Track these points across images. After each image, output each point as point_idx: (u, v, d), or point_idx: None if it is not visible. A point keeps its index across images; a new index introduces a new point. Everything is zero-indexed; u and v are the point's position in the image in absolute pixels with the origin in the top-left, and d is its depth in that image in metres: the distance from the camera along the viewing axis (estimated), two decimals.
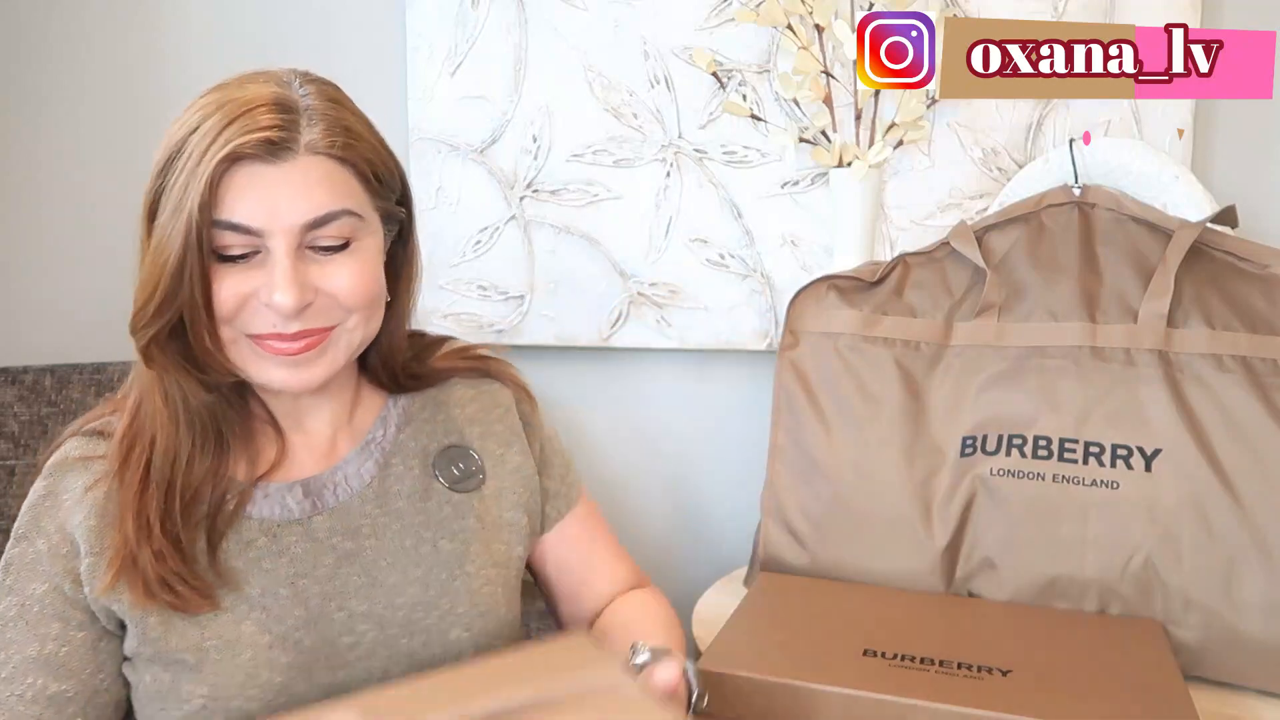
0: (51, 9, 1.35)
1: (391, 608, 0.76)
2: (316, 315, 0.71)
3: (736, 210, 1.26)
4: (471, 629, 0.78)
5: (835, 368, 1.04)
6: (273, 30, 1.32)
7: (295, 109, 0.69)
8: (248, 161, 0.67)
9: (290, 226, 0.69)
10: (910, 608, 0.92)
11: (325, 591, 0.75)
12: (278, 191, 0.68)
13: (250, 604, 0.73)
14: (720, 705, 0.79)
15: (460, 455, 0.84)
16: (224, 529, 0.74)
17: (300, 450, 0.80)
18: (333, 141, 0.70)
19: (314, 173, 0.69)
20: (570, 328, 1.31)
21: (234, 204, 0.67)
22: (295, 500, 0.77)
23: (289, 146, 0.68)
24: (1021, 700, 0.74)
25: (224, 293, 0.69)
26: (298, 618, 0.73)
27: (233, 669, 0.71)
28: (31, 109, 1.37)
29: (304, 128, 0.69)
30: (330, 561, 0.76)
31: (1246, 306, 0.94)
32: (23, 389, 1.25)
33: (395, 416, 0.83)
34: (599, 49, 1.25)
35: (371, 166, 0.73)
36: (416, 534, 0.79)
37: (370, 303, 0.74)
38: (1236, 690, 0.89)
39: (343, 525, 0.77)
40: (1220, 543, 0.88)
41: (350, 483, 0.79)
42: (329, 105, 0.71)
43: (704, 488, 1.36)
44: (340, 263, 0.72)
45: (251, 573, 0.74)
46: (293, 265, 0.69)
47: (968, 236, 1.05)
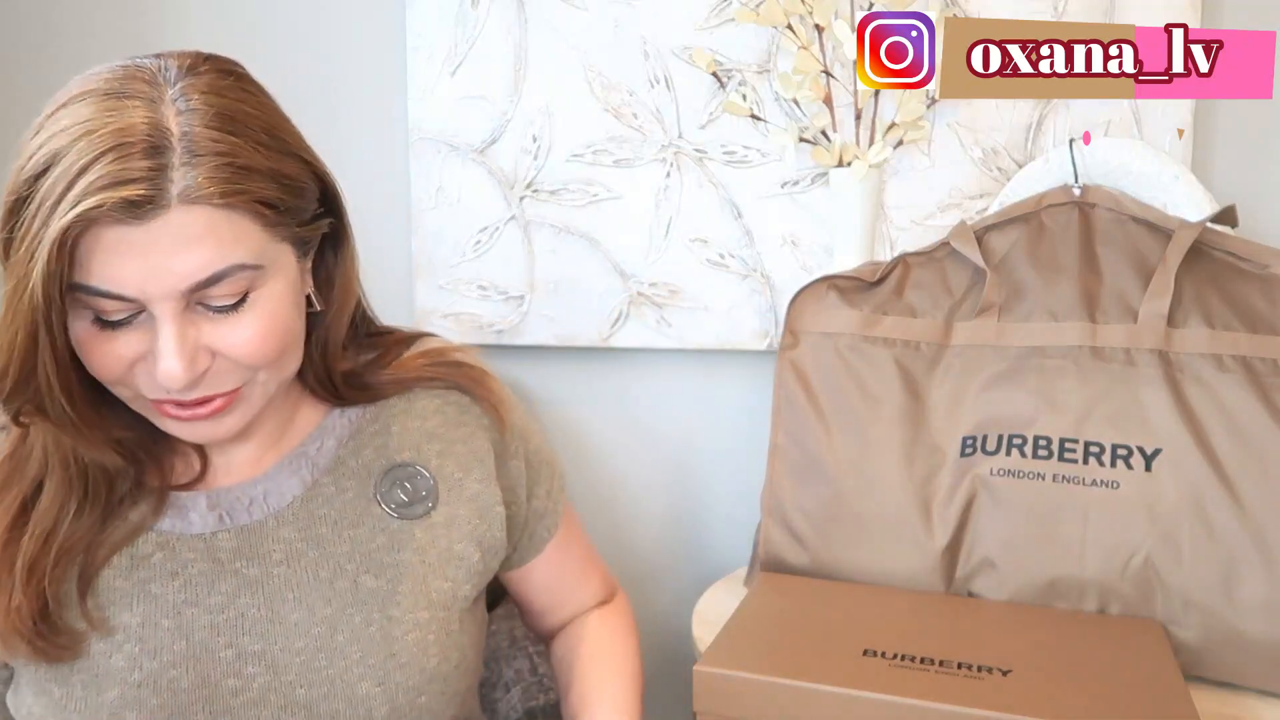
0: (52, 9, 1.35)
1: (289, 651, 0.67)
2: (216, 379, 0.63)
3: (736, 210, 1.26)
4: (385, 683, 0.68)
5: (835, 368, 1.04)
6: (272, 30, 1.32)
7: (166, 145, 0.57)
8: (108, 224, 0.56)
9: (169, 292, 0.58)
10: (910, 608, 0.92)
11: (215, 623, 0.67)
12: (148, 256, 0.57)
13: (127, 633, 0.66)
14: (720, 705, 0.79)
15: (409, 475, 0.73)
16: (105, 559, 0.67)
17: (219, 469, 0.72)
18: (214, 189, 0.57)
19: (192, 227, 0.57)
20: (570, 328, 1.31)
21: (99, 269, 0.57)
22: (199, 513, 0.69)
23: (158, 203, 0.56)
24: (1021, 700, 0.74)
25: (108, 359, 0.60)
26: (176, 652, 0.66)
27: (97, 707, 0.64)
28: (32, 109, 1.36)
29: (177, 170, 0.56)
30: (228, 588, 0.68)
31: (1246, 306, 0.94)
32: None
33: (338, 429, 0.74)
34: (599, 49, 1.25)
35: (268, 202, 0.60)
36: (336, 565, 0.70)
37: (280, 355, 0.65)
38: (1236, 690, 0.89)
39: (250, 547, 0.69)
40: (1220, 543, 0.88)
41: (269, 500, 0.70)
42: (215, 130, 0.58)
43: (704, 487, 1.36)
44: (237, 320, 0.61)
45: (136, 597, 0.66)
46: (178, 331, 0.59)
47: (968, 236, 1.05)
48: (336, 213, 0.70)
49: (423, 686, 0.70)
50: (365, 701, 0.68)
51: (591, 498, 1.37)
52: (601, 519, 1.38)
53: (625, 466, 1.37)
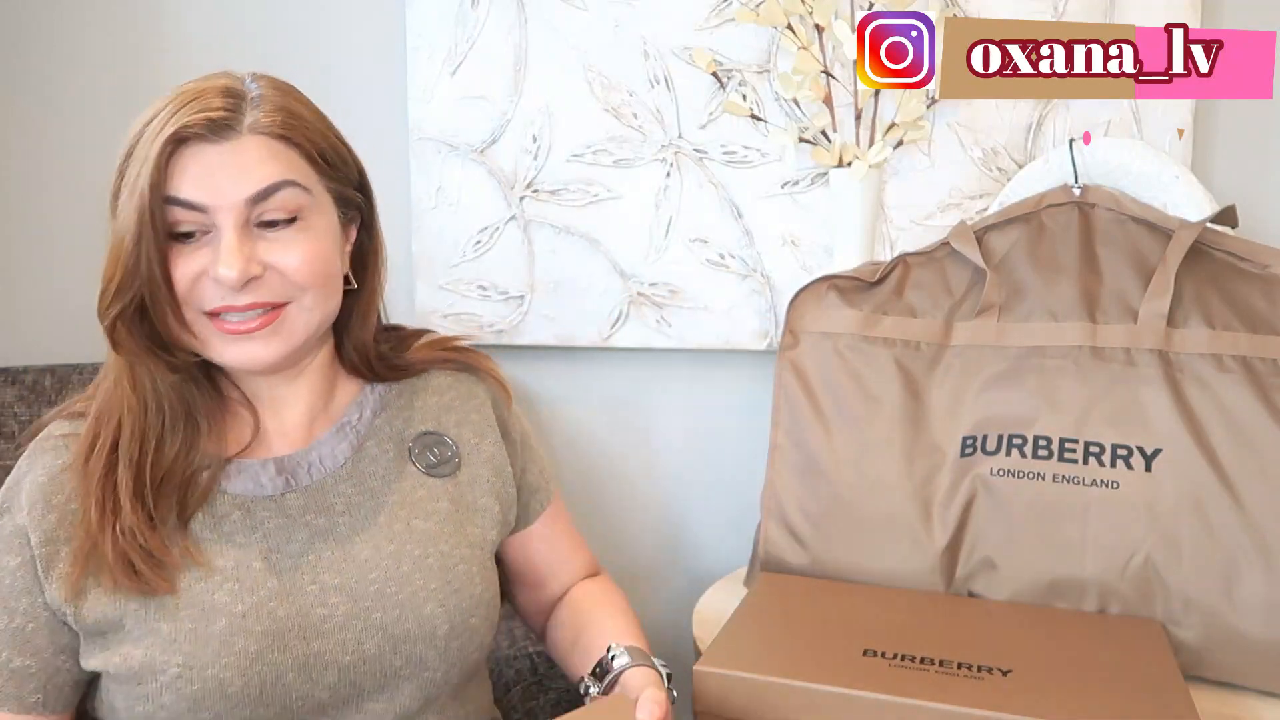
0: (53, 9, 1.35)
1: (364, 581, 0.77)
2: (266, 290, 0.74)
3: (736, 210, 1.26)
4: (446, 605, 0.79)
5: (835, 368, 1.04)
6: (273, 30, 1.32)
7: (241, 95, 0.73)
8: (193, 142, 0.71)
9: (234, 202, 0.71)
10: (910, 608, 0.92)
11: (298, 564, 0.76)
12: (221, 169, 0.71)
13: (224, 575, 0.74)
14: (720, 705, 0.79)
15: (435, 441, 0.86)
16: (196, 506, 0.76)
17: (274, 434, 0.82)
18: (273, 120, 0.73)
19: (256, 151, 0.72)
20: (570, 328, 1.31)
21: (180, 182, 0.71)
22: (269, 477, 0.79)
23: (231, 125, 0.71)
24: (1021, 700, 0.74)
25: (178, 271, 0.72)
26: (270, 589, 0.75)
27: (207, 637, 0.72)
28: (32, 109, 1.36)
29: (248, 110, 0.72)
30: (303, 537, 0.78)
31: (1246, 306, 0.94)
32: (23, 389, 1.25)
33: (372, 402, 0.86)
34: (599, 49, 1.25)
35: (317, 147, 0.76)
36: (390, 512, 0.81)
37: (323, 281, 0.76)
38: (1236, 690, 0.89)
39: (316, 503, 0.79)
40: (1220, 543, 0.88)
41: (324, 463, 0.81)
42: (276, 94, 0.75)
43: (704, 487, 1.36)
44: (288, 239, 0.74)
45: (225, 546, 0.76)
46: (238, 239, 0.72)
47: (968, 236, 1.05)
48: (369, 199, 0.83)
49: (473, 609, 0.81)
50: (430, 620, 0.78)
51: (591, 497, 1.37)
52: (601, 518, 1.38)
53: (625, 466, 1.37)
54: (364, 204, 0.82)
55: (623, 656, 0.81)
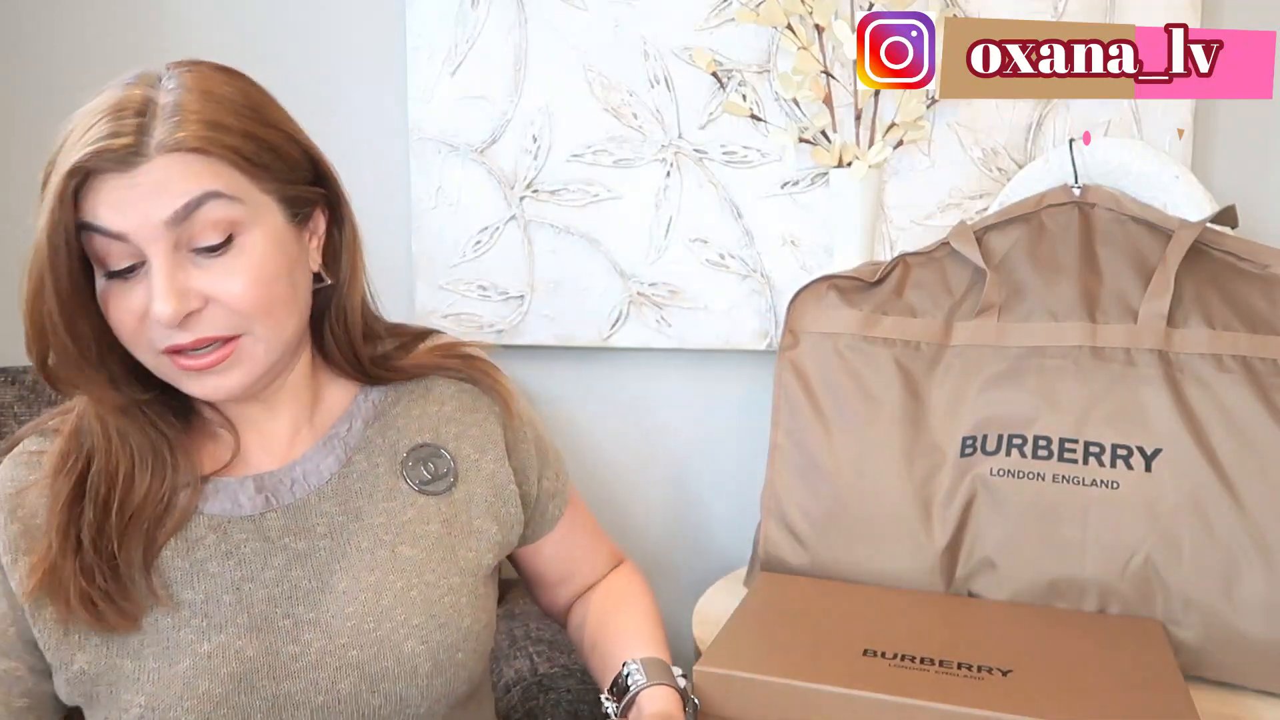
0: (53, 9, 1.35)
1: (340, 616, 0.72)
2: (210, 323, 0.67)
3: (736, 210, 1.26)
4: (428, 641, 0.73)
5: (835, 368, 1.04)
6: (273, 30, 1.32)
7: (151, 111, 0.66)
8: (99, 175, 0.65)
9: (153, 227, 0.65)
10: (910, 608, 0.92)
11: (271, 596, 0.72)
12: (132, 195, 0.64)
13: (191, 609, 0.70)
14: (720, 705, 0.79)
15: (431, 455, 0.80)
16: (165, 540, 0.71)
17: (255, 449, 0.77)
18: (185, 134, 0.65)
19: (169, 170, 0.65)
20: (570, 328, 1.31)
21: (95, 209, 0.65)
22: (247, 496, 0.74)
23: (138, 152, 0.64)
24: (1021, 700, 0.74)
25: (122, 314, 0.67)
26: (240, 625, 0.70)
27: (170, 678, 0.68)
28: (32, 110, 1.36)
29: (156, 128, 0.65)
30: (280, 563, 0.73)
31: (1246, 306, 0.94)
32: (23, 389, 1.25)
33: (365, 411, 0.80)
34: (599, 49, 1.25)
35: (242, 152, 0.68)
36: (375, 536, 0.75)
37: (270, 307, 0.69)
38: (1236, 690, 0.89)
39: (296, 524, 0.74)
40: (1220, 543, 0.88)
41: (309, 479, 0.76)
42: (193, 98, 0.67)
43: (704, 487, 1.36)
44: (225, 265, 0.67)
45: (195, 576, 0.71)
46: (168, 272, 0.65)
47: (968, 236, 1.05)
48: (330, 188, 0.75)
49: (459, 644, 0.75)
50: (411, 659, 0.73)
51: (591, 497, 1.37)
52: (601, 518, 1.37)
53: (625, 466, 1.37)
54: (326, 195, 0.75)
55: (639, 675, 0.77)
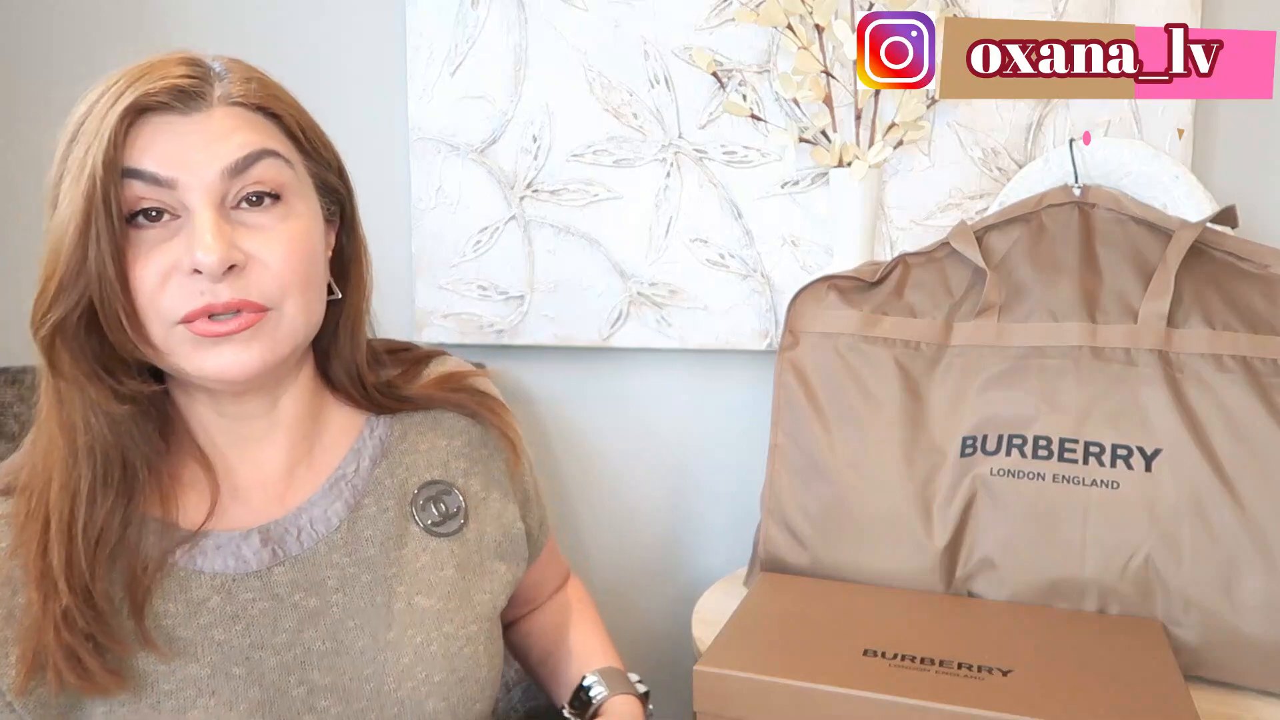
0: (53, 10, 1.35)
1: (359, 679, 0.68)
2: (249, 286, 0.62)
3: (736, 210, 1.26)
4: (449, 699, 0.70)
5: (835, 368, 1.04)
6: (272, 30, 1.32)
7: (205, 65, 0.64)
8: (157, 112, 0.60)
9: (206, 177, 0.61)
10: (910, 608, 0.92)
11: (284, 663, 0.66)
12: (190, 140, 0.61)
13: (199, 688, 0.64)
14: (720, 705, 0.79)
15: (443, 493, 0.75)
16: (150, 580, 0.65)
17: (253, 490, 0.70)
18: (247, 89, 0.63)
19: (231, 120, 0.62)
20: (570, 328, 1.31)
21: (141, 155, 0.60)
22: (252, 550, 0.68)
23: (201, 95, 0.61)
24: (1021, 700, 0.74)
25: (146, 269, 0.61)
26: (252, 700, 0.65)
27: None
28: (32, 110, 1.37)
29: (215, 82, 0.63)
30: (291, 624, 0.67)
31: (1246, 306, 0.94)
32: (23, 389, 1.25)
33: (371, 448, 0.74)
34: (599, 49, 1.25)
35: (297, 121, 0.66)
36: (389, 588, 0.70)
37: (306, 284, 0.65)
38: (1236, 690, 0.89)
39: (306, 578, 0.68)
40: (1220, 543, 0.88)
41: (316, 527, 0.70)
42: (244, 67, 0.66)
43: (704, 487, 1.36)
44: (270, 226, 0.63)
45: (202, 647, 0.65)
46: (215, 217, 0.61)
47: (968, 236, 1.05)
48: (349, 192, 0.73)
49: (478, 695, 0.72)
50: (433, 717, 0.69)
51: (591, 497, 1.37)
52: (601, 519, 1.38)
53: (625, 466, 1.37)
54: (345, 199, 0.72)
55: (599, 687, 0.77)
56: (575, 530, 1.38)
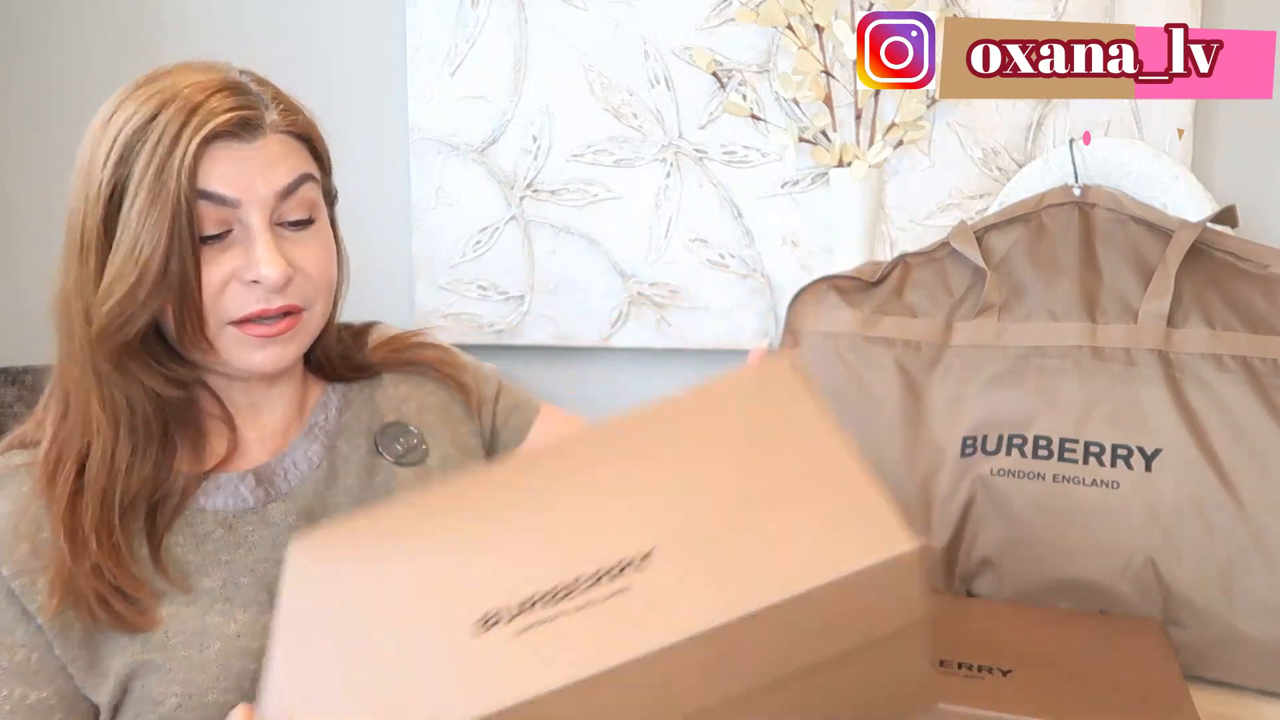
0: (52, 11, 1.35)
1: None
2: (294, 292, 0.73)
3: (736, 210, 1.26)
4: None
5: (835, 368, 1.04)
6: (272, 30, 1.32)
7: (250, 92, 0.72)
8: (224, 140, 0.69)
9: (264, 196, 0.70)
10: None
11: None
12: (252, 165, 0.70)
13: (213, 596, 0.72)
14: None
15: (401, 431, 0.85)
16: (164, 527, 0.73)
17: (253, 443, 0.80)
18: (293, 119, 0.73)
19: (280, 147, 0.72)
20: (570, 328, 1.31)
21: (213, 177, 0.69)
22: (249, 489, 0.77)
23: (259, 124, 0.70)
24: (1021, 700, 0.74)
25: (210, 276, 0.70)
26: (263, 603, 0.73)
27: (203, 662, 0.70)
28: (33, 110, 1.36)
29: (269, 109, 0.72)
30: (290, 542, 0.74)
31: (1246, 306, 0.94)
32: (23, 389, 1.25)
33: (336, 400, 0.84)
34: (599, 49, 1.25)
35: (322, 147, 0.77)
36: (370, 509, 0.78)
37: (331, 285, 0.77)
38: (1236, 690, 0.89)
39: (297, 508, 0.78)
40: (1220, 543, 0.88)
41: (300, 466, 0.80)
42: (273, 90, 0.74)
43: None
44: (308, 240, 0.74)
45: (210, 565, 0.73)
46: (273, 238, 0.71)
47: (968, 236, 1.05)
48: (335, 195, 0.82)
49: None
50: None
51: None
52: None
53: None
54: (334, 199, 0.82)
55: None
56: None
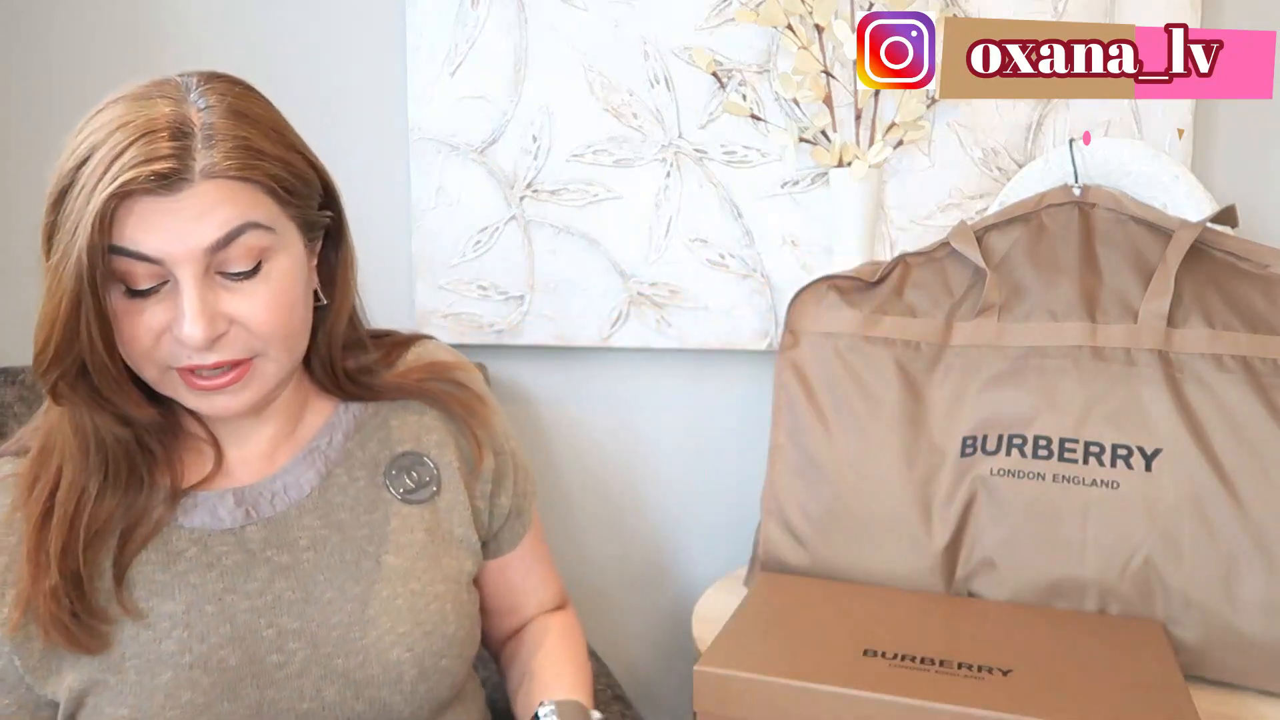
0: (52, 10, 1.35)
1: (326, 626, 0.73)
2: (231, 346, 0.68)
3: (736, 210, 1.26)
4: (414, 649, 0.74)
5: (835, 368, 1.04)
6: (272, 30, 1.32)
7: (190, 132, 0.65)
8: (141, 195, 0.63)
9: (192, 251, 0.65)
10: (910, 608, 0.92)
11: (255, 607, 0.72)
12: (175, 220, 0.64)
13: (173, 621, 0.70)
14: (720, 705, 0.79)
15: (414, 463, 0.80)
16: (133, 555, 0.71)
17: (237, 463, 0.77)
18: (230, 163, 0.65)
19: (212, 196, 0.65)
20: (570, 328, 1.31)
21: (131, 234, 0.64)
22: (227, 509, 0.74)
23: (183, 176, 0.64)
24: (1021, 700, 0.74)
25: (138, 330, 0.66)
26: (222, 635, 0.71)
27: (152, 689, 0.69)
28: (32, 110, 1.36)
29: (199, 152, 0.65)
30: (263, 575, 0.73)
31: (1246, 306, 0.94)
32: (23, 389, 1.25)
33: (345, 424, 0.80)
34: (599, 49, 1.25)
35: (278, 179, 0.68)
36: (359, 548, 0.76)
37: (288, 332, 0.70)
38: (1236, 690, 0.89)
39: (278, 537, 0.74)
40: (1220, 543, 0.88)
41: (289, 492, 0.76)
42: (230, 121, 0.67)
43: (704, 487, 1.36)
44: (252, 290, 0.68)
45: (177, 587, 0.71)
46: (200, 295, 0.65)
47: (968, 236, 1.05)
48: (336, 210, 0.76)
49: (444, 650, 0.76)
50: (397, 666, 0.73)
51: (591, 497, 1.37)
52: (601, 518, 1.38)
53: (625, 466, 1.37)
54: (332, 218, 0.76)
55: (551, 717, 0.77)
56: (575, 530, 1.38)
